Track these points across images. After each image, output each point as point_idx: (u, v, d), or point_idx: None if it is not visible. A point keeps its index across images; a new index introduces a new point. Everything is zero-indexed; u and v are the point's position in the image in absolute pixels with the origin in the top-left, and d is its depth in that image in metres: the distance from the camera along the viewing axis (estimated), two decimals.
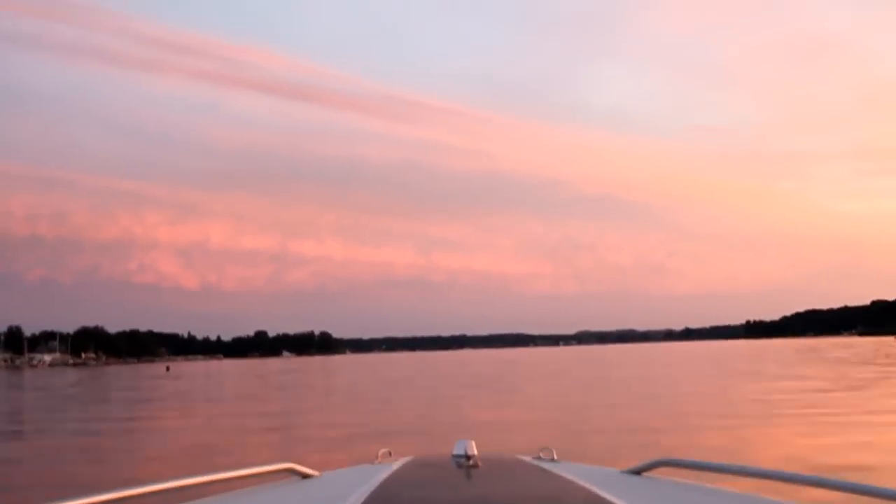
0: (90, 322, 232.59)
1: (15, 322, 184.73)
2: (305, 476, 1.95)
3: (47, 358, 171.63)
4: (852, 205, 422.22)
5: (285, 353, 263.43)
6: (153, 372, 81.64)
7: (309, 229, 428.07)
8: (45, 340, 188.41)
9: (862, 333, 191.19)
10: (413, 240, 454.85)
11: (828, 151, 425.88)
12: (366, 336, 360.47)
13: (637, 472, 1.94)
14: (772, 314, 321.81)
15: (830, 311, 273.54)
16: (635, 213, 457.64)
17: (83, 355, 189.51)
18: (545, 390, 29.35)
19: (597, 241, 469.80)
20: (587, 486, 1.70)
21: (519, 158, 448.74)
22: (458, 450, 2.05)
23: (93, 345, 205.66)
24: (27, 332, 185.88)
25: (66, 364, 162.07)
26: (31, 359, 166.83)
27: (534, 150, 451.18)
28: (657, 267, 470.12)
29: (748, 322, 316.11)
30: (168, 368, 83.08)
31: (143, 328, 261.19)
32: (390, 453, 2.24)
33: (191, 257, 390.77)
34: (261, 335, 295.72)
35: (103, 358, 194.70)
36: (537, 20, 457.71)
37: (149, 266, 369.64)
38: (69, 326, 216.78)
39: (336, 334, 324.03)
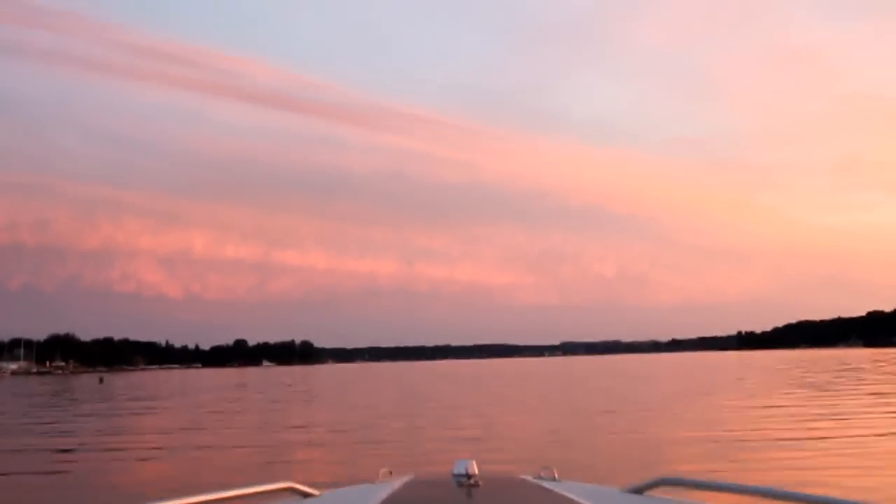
0: (71, 330, 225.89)
1: None
2: (306, 495, 1.94)
3: (12, 366, 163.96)
4: (833, 218, 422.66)
5: (265, 363, 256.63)
6: (82, 383, 74.48)
7: (292, 239, 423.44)
8: (11, 349, 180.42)
9: (865, 345, 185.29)
10: (396, 250, 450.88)
11: (808, 164, 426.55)
12: (349, 345, 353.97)
13: (639, 490, 1.92)
14: (760, 325, 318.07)
15: (823, 323, 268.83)
16: (618, 224, 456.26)
17: (49, 364, 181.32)
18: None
19: (580, 251, 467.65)
20: None
21: (503, 169, 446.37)
22: (458, 469, 2.04)
23: (62, 353, 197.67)
24: (6, 339, 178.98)
25: (29, 373, 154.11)
26: None
27: (518, 161, 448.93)
28: (641, 278, 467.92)
29: (740, 333, 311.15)
30: (101, 380, 74.94)
31: (125, 337, 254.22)
32: (391, 472, 2.28)
33: (173, 266, 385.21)
34: (241, 344, 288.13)
35: (70, 366, 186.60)
36: (522, 32, 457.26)
37: (131, 274, 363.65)
38: (47, 334, 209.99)
39: (318, 343, 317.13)
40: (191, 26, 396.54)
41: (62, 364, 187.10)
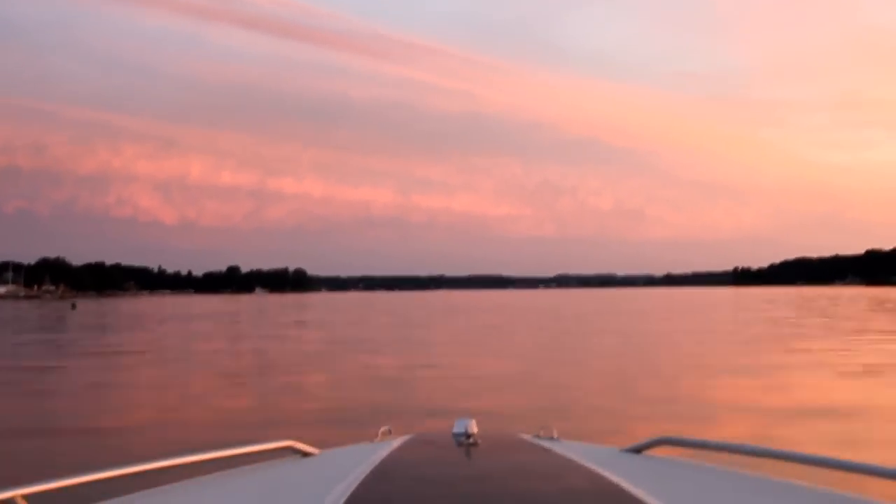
0: (64, 254, 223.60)
1: None
2: (305, 454, 1.96)
3: (1, 290, 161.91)
4: (834, 155, 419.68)
5: (258, 290, 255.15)
6: (55, 309, 71.84)
7: (289, 167, 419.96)
8: (0, 271, 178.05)
9: (867, 283, 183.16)
10: (394, 179, 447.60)
11: (810, 100, 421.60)
12: (343, 274, 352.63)
13: (637, 450, 1.95)
14: (757, 262, 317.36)
15: (821, 260, 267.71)
16: (616, 157, 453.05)
17: (36, 287, 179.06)
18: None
19: (578, 184, 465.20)
20: (587, 464, 1.72)
21: (503, 101, 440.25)
22: (458, 428, 2.05)
23: (52, 277, 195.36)
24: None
25: (17, 297, 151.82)
26: None
27: (518, 93, 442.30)
28: (637, 212, 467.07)
29: (736, 269, 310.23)
30: (74, 306, 72.00)
31: (119, 262, 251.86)
32: (390, 431, 2.25)
33: (169, 192, 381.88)
34: (233, 271, 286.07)
35: (60, 291, 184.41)
36: None
37: (126, 200, 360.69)
38: (38, 258, 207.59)
39: (312, 272, 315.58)
40: None
41: (51, 288, 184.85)
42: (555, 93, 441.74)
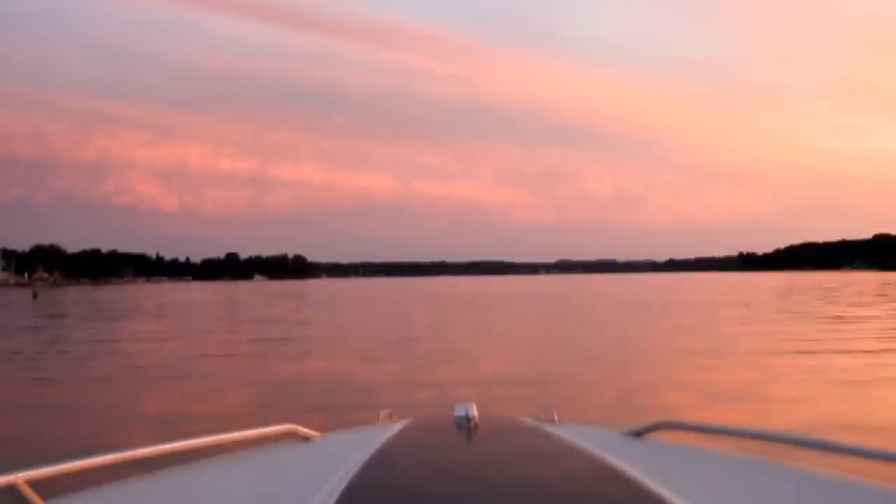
0: (63, 242, 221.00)
1: None
2: (307, 438, 1.97)
3: None
4: (832, 141, 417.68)
5: (257, 277, 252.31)
6: (18, 298, 67.92)
7: (289, 154, 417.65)
8: None
9: (881, 268, 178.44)
10: (393, 166, 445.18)
11: (809, 87, 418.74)
12: (343, 260, 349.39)
13: (639, 433, 1.94)
14: (758, 247, 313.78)
15: (828, 245, 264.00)
16: (616, 144, 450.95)
17: (27, 275, 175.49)
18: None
19: (578, 171, 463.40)
20: (588, 448, 1.73)
21: (502, 87, 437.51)
22: (458, 412, 2.06)
23: (45, 264, 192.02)
24: None
25: (7, 284, 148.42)
26: None
27: (517, 80, 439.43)
28: (638, 198, 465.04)
29: (741, 254, 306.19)
30: (35, 296, 68.12)
31: (118, 249, 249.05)
32: (392, 415, 2.27)
33: (169, 179, 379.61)
34: (232, 257, 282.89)
35: (51, 279, 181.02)
36: None
37: (126, 187, 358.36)
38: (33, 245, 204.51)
39: (313, 258, 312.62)
40: None
41: (44, 276, 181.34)
42: (554, 79, 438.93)
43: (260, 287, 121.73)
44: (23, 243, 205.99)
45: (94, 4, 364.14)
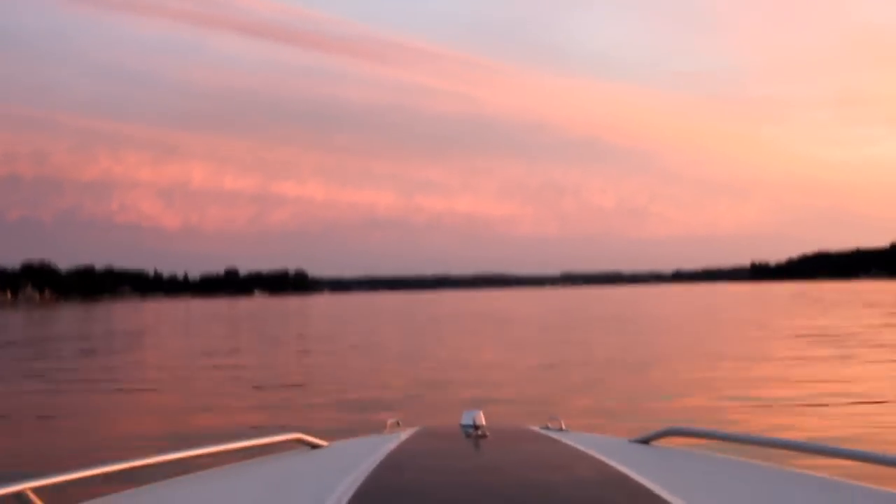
0: (60, 260, 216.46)
1: None
2: (314, 446, 1.97)
3: None
4: (835, 151, 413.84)
5: (257, 293, 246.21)
6: None
7: (291, 171, 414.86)
8: None
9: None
10: (396, 182, 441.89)
11: (810, 98, 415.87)
12: (346, 275, 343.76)
13: (646, 441, 1.95)
14: (766, 256, 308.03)
15: (842, 254, 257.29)
16: (619, 156, 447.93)
17: (11, 295, 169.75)
18: None
19: (580, 184, 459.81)
20: (596, 455, 1.72)
21: (503, 102, 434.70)
22: (466, 420, 2.07)
23: (35, 283, 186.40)
24: None
25: None
26: None
27: (518, 94, 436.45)
28: (641, 210, 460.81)
29: (753, 264, 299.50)
30: None
31: (116, 267, 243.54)
32: (399, 423, 2.26)
33: (171, 197, 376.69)
34: (231, 273, 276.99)
35: (44, 297, 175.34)
36: None
37: (129, 205, 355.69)
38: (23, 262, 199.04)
39: (315, 274, 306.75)
40: None
41: (33, 295, 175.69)
42: (556, 93, 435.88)
43: (259, 305, 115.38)
44: (18, 262, 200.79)
45: (96, 24, 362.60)
